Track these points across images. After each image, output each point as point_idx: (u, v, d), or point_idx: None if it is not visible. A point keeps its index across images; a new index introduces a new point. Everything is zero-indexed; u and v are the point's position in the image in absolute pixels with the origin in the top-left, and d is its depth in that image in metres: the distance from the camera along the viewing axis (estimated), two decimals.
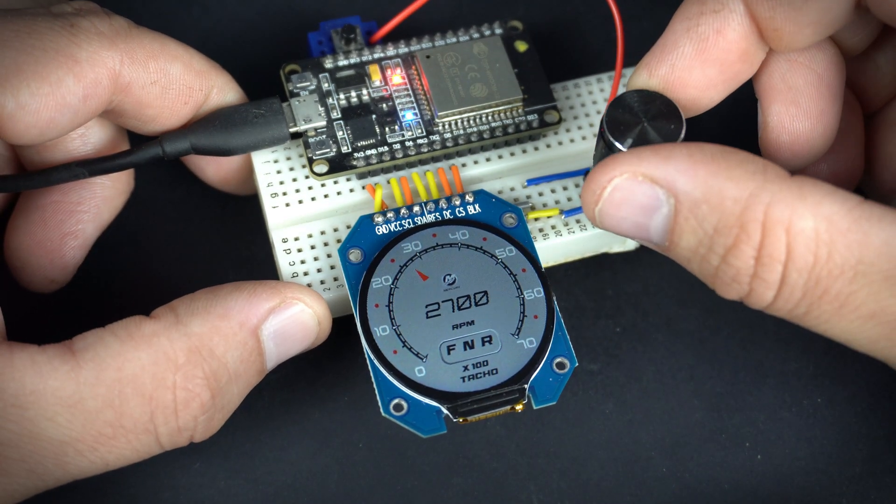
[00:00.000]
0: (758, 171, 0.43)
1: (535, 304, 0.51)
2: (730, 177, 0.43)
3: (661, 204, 0.44)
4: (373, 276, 0.51)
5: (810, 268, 0.42)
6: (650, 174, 0.44)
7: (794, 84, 0.50)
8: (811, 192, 0.42)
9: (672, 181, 0.44)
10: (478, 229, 0.52)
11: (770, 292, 0.43)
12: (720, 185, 0.43)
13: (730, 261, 0.43)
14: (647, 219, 0.45)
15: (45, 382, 0.44)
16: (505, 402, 0.49)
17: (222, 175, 0.57)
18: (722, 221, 0.43)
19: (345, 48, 0.57)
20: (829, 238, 0.42)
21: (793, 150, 0.50)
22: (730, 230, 0.43)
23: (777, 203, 0.42)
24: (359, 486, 0.54)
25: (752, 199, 0.42)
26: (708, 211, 0.43)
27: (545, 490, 0.54)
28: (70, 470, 0.46)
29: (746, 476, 0.54)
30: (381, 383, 0.49)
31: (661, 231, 0.45)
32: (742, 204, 0.43)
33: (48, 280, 0.55)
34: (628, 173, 0.45)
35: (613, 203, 0.46)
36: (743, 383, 0.56)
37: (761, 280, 0.43)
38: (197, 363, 0.46)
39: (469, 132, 0.55)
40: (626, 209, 0.45)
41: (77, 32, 0.49)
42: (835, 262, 0.42)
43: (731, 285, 0.44)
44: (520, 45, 0.57)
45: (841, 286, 0.42)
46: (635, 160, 0.45)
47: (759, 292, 0.44)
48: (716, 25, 0.48)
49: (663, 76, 0.49)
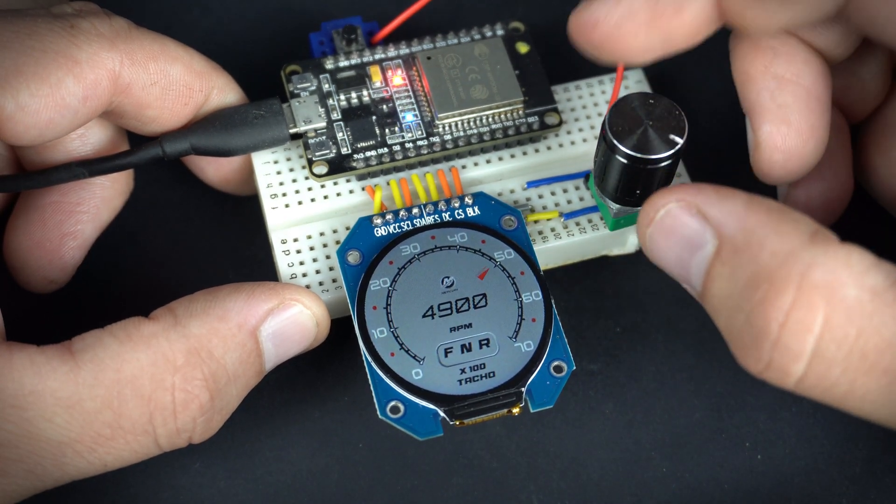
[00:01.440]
0: (806, 232, 0.41)
1: (533, 307, 0.51)
2: (777, 230, 0.41)
3: (705, 243, 0.43)
4: (371, 278, 0.51)
5: (852, 341, 0.40)
6: (703, 209, 0.43)
7: (784, 101, 0.49)
8: (858, 260, 0.40)
9: (721, 222, 0.42)
10: (477, 232, 0.52)
11: (797, 365, 0.40)
12: (764, 236, 0.41)
13: (753, 320, 0.41)
14: (690, 255, 0.44)
15: (44, 383, 0.44)
16: (502, 405, 0.49)
17: (222, 175, 0.57)
18: (755, 274, 0.41)
19: (346, 49, 0.57)
20: (874, 310, 0.39)
21: (786, 168, 0.50)
22: (759, 285, 0.40)
23: (818, 266, 0.40)
24: (359, 486, 0.54)
25: (791, 257, 0.40)
26: (745, 261, 0.41)
27: (545, 490, 0.54)
28: (68, 471, 0.46)
29: (746, 476, 0.54)
30: (378, 385, 0.49)
31: (700, 273, 0.43)
32: (780, 259, 0.40)
33: (47, 280, 0.55)
34: (684, 203, 0.44)
35: (663, 229, 0.44)
36: (743, 383, 0.56)
37: (785, 349, 0.40)
38: (196, 365, 0.46)
39: (469, 134, 0.55)
40: (673, 239, 0.44)
41: (77, 33, 0.49)
42: (882, 336, 0.39)
43: (750, 351, 0.41)
44: (521, 46, 0.57)
45: (890, 361, 0.39)
46: (694, 192, 0.44)
47: (780, 364, 0.41)
48: (676, 4, 0.47)
49: (607, 31, 0.47)
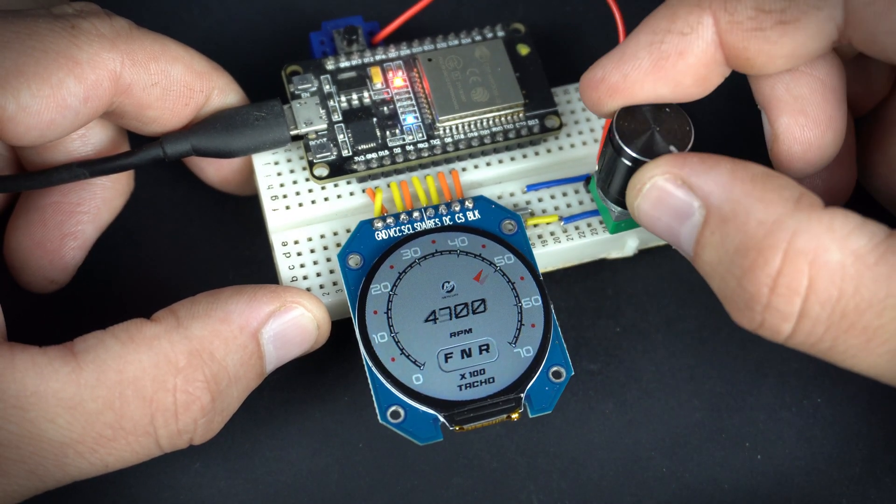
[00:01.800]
0: (791, 199, 0.42)
1: (533, 312, 0.51)
2: (762, 199, 0.42)
3: (692, 212, 0.44)
4: (372, 283, 0.51)
5: (835, 301, 0.41)
6: (689, 180, 0.44)
7: (800, 94, 0.49)
8: (841, 224, 0.41)
9: (707, 192, 0.44)
10: (477, 236, 0.52)
11: (787, 325, 0.42)
12: (750, 205, 0.42)
13: (744, 285, 0.43)
14: (679, 224, 0.45)
15: (46, 384, 0.44)
16: (501, 410, 0.49)
17: (223, 176, 0.57)
18: (743, 243, 0.42)
19: (346, 49, 0.57)
20: (855, 272, 0.41)
21: (805, 160, 0.50)
22: (748, 253, 0.42)
23: (803, 233, 0.41)
24: (359, 486, 0.54)
25: (776, 225, 0.42)
26: (733, 230, 0.43)
27: (545, 490, 0.54)
28: (70, 471, 0.46)
29: (746, 476, 0.54)
30: (379, 390, 0.49)
31: (689, 240, 0.45)
32: (766, 228, 0.42)
33: (48, 280, 0.55)
34: (669, 175, 0.45)
35: (650, 200, 0.46)
36: (743, 383, 0.56)
37: (775, 311, 0.42)
38: (197, 366, 0.46)
39: (470, 137, 0.55)
40: (661, 210, 0.45)
41: (78, 34, 0.49)
42: (862, 296, 0.41)
43: (743, 312, 0.43)
44: (522, 48, 0.57)
45: (868, 320, 0.41)
46: (679, 162, 0.45)
47: (772, 323, 0.43)
48: (680, 47, 0.47)
49: (614, 83, 0.48)
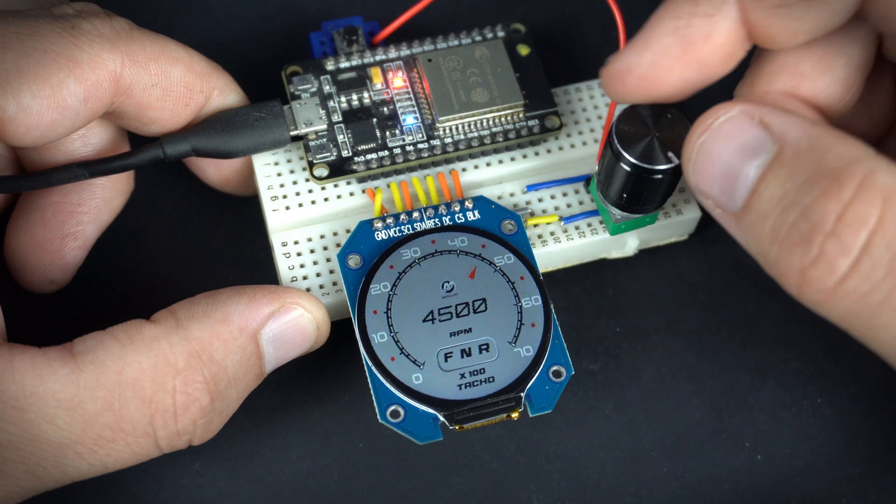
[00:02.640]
0: (868, 147, 0.41)
1: (533, 312, 0.51)
2: (842, 139, 0.41)
3: (763, 149, 0.42)
4: (371, 283, 0.51)
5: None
6: (766, 119, 0.43)
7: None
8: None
9: (785, 129, 0.42)
10: (477, 236, 0.52)
11: (845, 260, 0.40)
12: (832, 140, 0.41)
13: (809, 212, 0.40)
14: (742, 163, 0.43)
15: (46, 385, 0.45)
16: (501, 410, 0.49)
17: (223, 176, 0.57)
18: (817, 171, 0.40)
19: (347, 49, 0.57)
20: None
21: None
22: (821, 180, 0.40)
23: (881, 172, 0.40)
24: (359, 486, 0.54)
25: (856, 160, 0.40)
26: (808, 161, 0.41)
27: (545, 490, 0.54)
28: (69, 472, 0.46)
29: (746, 476, 0.54)
30: (379, 390, 0.49)
31: (750, 180, 0.43)
32: (844, 160, 0.40)
33: (48, 281, 0.55)
34: (747, 111, 0.43)
35: (720, 134, 0.44)
36: (743, 383, 0.56)
37: (838, 240, 0.40)
38: (197, 367, 0.47)
39: (470, 137, 0.55)
40: (729, 145, 0.43)
41: (78, 34, 0.49)
42: None
43: (798, 246, 0.41)
44: (522, 48, 0.57)
45: None
46: (757, 104, 0.44)
47: (830, 256, 0.40)
48: (706, 30, 0.46)
49: (642, 73, 0.47)
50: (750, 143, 0.43)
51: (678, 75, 0.47)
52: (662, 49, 0.47)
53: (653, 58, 0.47)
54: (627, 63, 0.47)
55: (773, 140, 0.42)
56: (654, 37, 0.47)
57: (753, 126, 0.43)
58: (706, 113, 0.45)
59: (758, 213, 0.42)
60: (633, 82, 0.48)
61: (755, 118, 0.43)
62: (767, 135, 0.43)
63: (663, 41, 0.47)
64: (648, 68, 0.47)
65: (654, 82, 0.47)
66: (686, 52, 0.46)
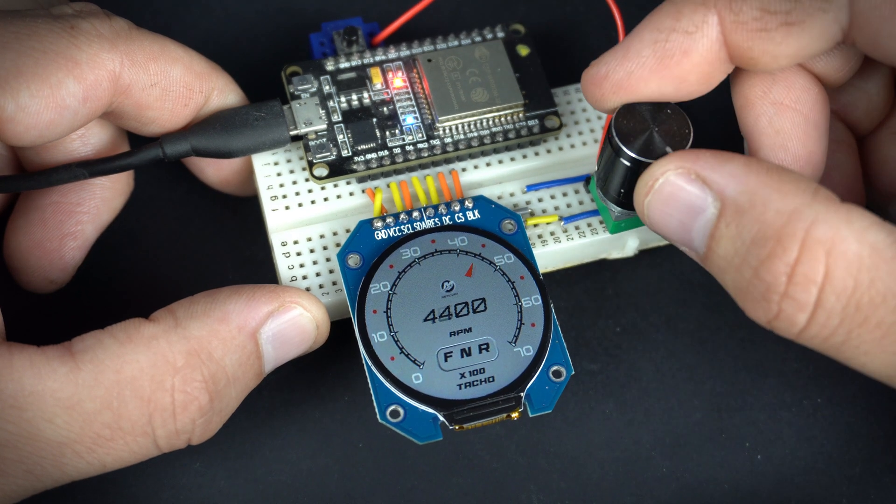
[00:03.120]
0: (808, 191, 0.42)
1: (533, 311, 0.51)
2: (779, 189, 0.42)
3: (706, 206, 0.44)
4: (371, 282, 0.51)
5: (850, 292, 0.41)
6: (703, 174, 0.44)
7: (782, 128, 0.49)
8: (858, 218, 0.41)
9: (723, 185, 0.44)
10: (477, 236, 0.52)
11: (802, 315, 0.42)
12: (767, 195, 0.42)
13: (761, 275, 0.42)
14: (692, 219, 0.45)
15: (44, 384, 0.45)
16: (501, 410, 0.49)
17: (223, 176, 0.57)
18: (761, 232, 0.42)
19: (346, 50, 0.57)
20: (872, 264, 0.41)
21: None
22: (766, 242, 0.42)
23: (821, 223, 0.41)
24: (359, 486, 0.54)
25: (795, 215, 0.42)
26: (750, 220, 0.43)
27: (545, 490, 0.54)
28: (68, 471, 0.46)
29: (746, 476, 0.54)
30: (378, 389, 0.49)
31: (703, 236, 0.45)
32: (784, 217, 0.42)
33: (48, 280, 0.55)
34: (683, 169, 0.45)
35: (662, 197, 0.45)
36: (743, 383, 0.56)
37: (792, 300, 0.42)
38: (195, 366, 0.47)
39: (469, 137, 0.55)
40: (674, 206, 0.45)
41: (77, 34, 0.49)
42: (877, 290, 0.41)
43: (759, 304, 0.43)
44: (521, 49, 0.57)
45: (883, 314, 0.41)
46: (692, 157, 0.45)
47: (788, 313, 0.42)
48: (685, 46, 0.47)
49: (618, 80, 0.48)
50: (693, 203, 0.45)
51: (653, 87, 0.48)
52: (640, 60, 0.48)
53: (630, 67, 0.48)
54: (606, 69, 0.49)
55: (713, 196, 0.44)
56: (634, 47, 0.48)
57: (692, 184, 0.45)
58: (646, 173, 0.46)
59: (717, 267, 0.45)
60: (608, 88, 0.49)
61: (692, 175, 0.45)
62: (707, 192, 0.44)
63: (642, 52, 0.48)
64: (624, 76, 0.48)
65: (628, 90, 0.49)
66: (663, 66, 0.48)
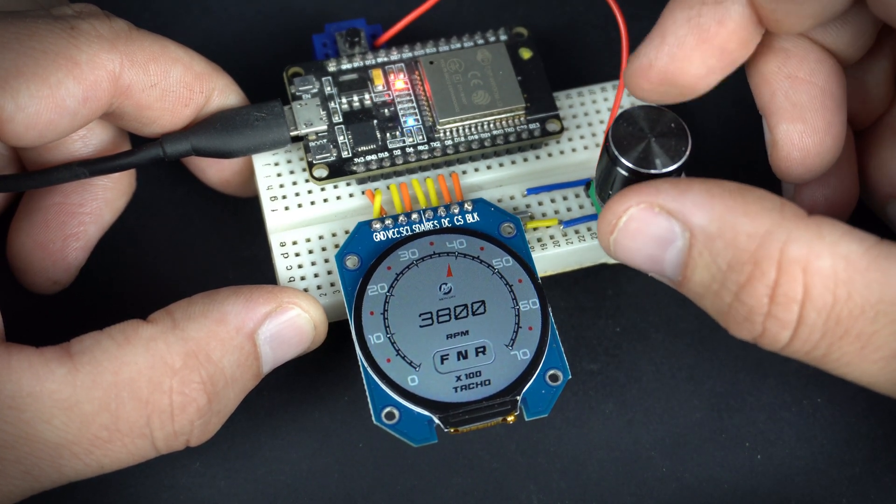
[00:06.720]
0: (775, 209, 0.42)
1: (530, 315, 0.50)
2: (746, 213, 0.42)
3: (675, 237, 0.44)
4: (369, 284, 0.51)
5: (829, 307, 0.42)
6: (666, 206, 0.44)
7: (798, 101, 0.49)
8: (829, 231, 0.42)
9: (688, 215, 0.43)
10: (475, 238, 0.52)
11: (786, 332, 0.43)
12: (736, 220, 0.42)
13: (742, 299, 0.43)
14: (662, 251, 0.45)
15: (42, 385, 0.45)
16: (497, 413, 0.49)
17: (223, 177, 0.57)
18: (735, 258, 0.42)
19: (349, 51, 0.57)
20: (847, 277, 0.41)
21: (805, 165, 0.50)
22: (743, 267, 0.42)
23: (794, 242, 0.42)
24: (359, 486, 0.54)
25: (767, 237, 0.42)
26: (722, 247, 0.43)
27: (545, 490, 0.54)
28: (65, 472, 0.46)
29: (746, 476, 0.54)
30: (374, 391, 0.49)
31: (675, 265, 0.45)
32: (757, 241, 0.42)
33: (51, 281, 0.55)
34: (645, 204, 0.44)
35: (628, 233, 0.45)
36: (743, 383, 0.56)
37: (775, 319, 0.42)
38: (194, 367, 0.47)
39: (470, 139, 0.55)
40: (641, 240, 0.45)
41: (77, 35, 0.49)
42: (855, 302, 0.41)
43: (742, 325, 0.43)
44: (524, 52, 0.57)
45: (862, 326, 0.42)
46: (653, 191, 0.44)
47: (772, 332, 0.43)
48: (717, 16, 0.47)
49: (663, 66, 0.48)
50: (661, 235, 0.44)
51: (699, 63, 0.48)
52: (678, 40, 0.48)
53: (670, 50, 0.48)
54: (648, 58, 0.49)
55: (681, 227, 0.44)
56: (669, 29, 0.48)
57: (657, 217, 0.44)
58: (606, 209, 0.46)
59: (695, 293, 0.45)
60: (655, 76, 0.49)
61: (654, 209, 0.44)
62: (674, 222, 0.44)
63: (679, 32, 0.48)
64: (668, 61, 0.48)
65: (676, 74, 0.49)
66: (703, 39, 0.48)
